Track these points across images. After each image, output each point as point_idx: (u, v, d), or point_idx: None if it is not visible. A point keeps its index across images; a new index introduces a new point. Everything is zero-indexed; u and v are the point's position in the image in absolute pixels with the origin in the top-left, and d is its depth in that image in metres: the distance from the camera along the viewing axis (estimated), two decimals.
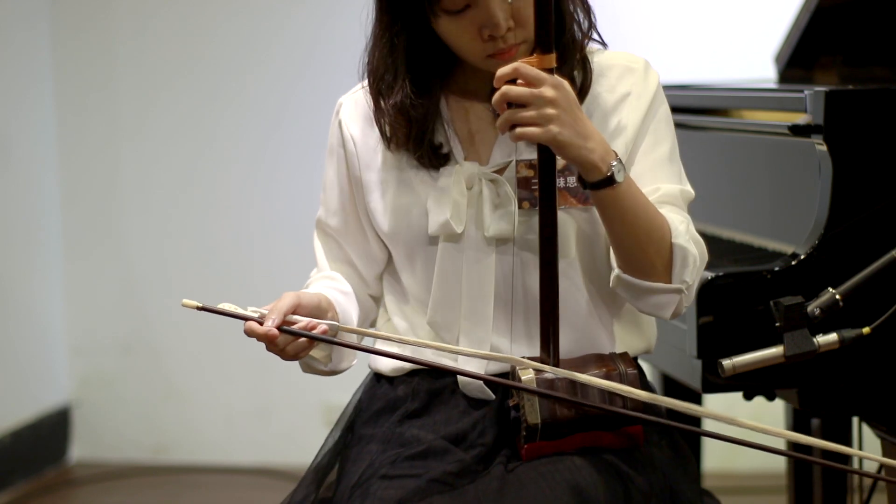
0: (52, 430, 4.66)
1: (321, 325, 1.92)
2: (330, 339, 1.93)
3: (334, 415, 2.17)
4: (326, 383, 4.51)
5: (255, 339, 1.93)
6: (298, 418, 4.58)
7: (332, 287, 2.09)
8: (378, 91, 2.01)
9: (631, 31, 2.10)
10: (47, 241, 4.66)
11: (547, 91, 1.81)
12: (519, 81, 1.83)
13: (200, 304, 1.91)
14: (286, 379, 4.60)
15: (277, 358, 4.63)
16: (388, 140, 2.02)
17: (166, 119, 4.62)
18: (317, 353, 2.03)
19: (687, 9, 4.35)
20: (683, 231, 1.93)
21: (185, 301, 1.91)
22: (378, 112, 2.02)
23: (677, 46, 4.17)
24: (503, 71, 1.82)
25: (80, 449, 4.76)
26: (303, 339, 1.93)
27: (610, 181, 1.85)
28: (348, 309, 2.07)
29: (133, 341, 4.68)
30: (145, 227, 4.64)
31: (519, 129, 1.82)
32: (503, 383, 1.95)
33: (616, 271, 1.95)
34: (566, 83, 1.84)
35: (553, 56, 1.83)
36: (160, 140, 4.63)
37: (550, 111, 1.81)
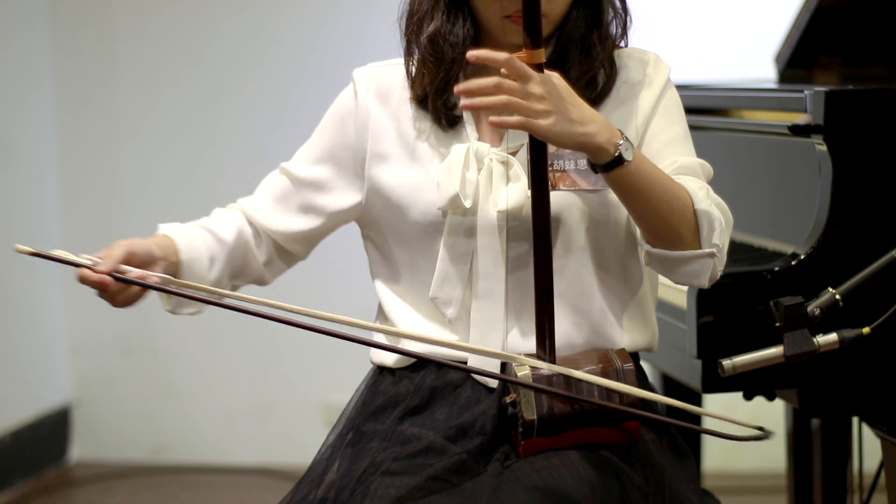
0: (52, 430, 4.66)
1: (153, 277, 2.00)
2: (163, 289, 2.00)
3: (334, 415, 2.17)
4: (326, 383, 4.52)
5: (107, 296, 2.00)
6: (298, 418, 4.58)
7: (209, 229, 2.16)
8: (416, 28, 2.05)
9: (631, 31, 2.10)
10: (47, 241, 4.66)
11: (534, 87, 1.82)
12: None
13: (34, 250, 1.95)
14: (286, 379, 4.61)
15: (277, 357, 4.63)
16: (413, 80, 2.05)
17: (166, 119, 4.62)
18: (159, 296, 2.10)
19: (687, 9, 4.35)
20: (704, 196, 1.93)
21: (19, 246, 1.94)
22: (409, 54, 2.06)
23: (677, 46, 4.16)
24: (491, 54, 1.83)
25: (80, 449, 4.76)
26: (134, 288, 2.00)
27: (619, 160, 1.86)
28: (201, 255, 2.12)
29: (133, 341, 4.68)
30: (145, 227, 4.61)
31: (520, 119, 1.83)
32: (513, 382, 1.95)
33: (646, 247, 1.95)
34: (555, 76, 1.85)
35: (542, 51, 1.85)
36: (160, 140, 4.63)
37: (539, 106, 1.82)
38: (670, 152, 2.02)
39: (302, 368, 4.53)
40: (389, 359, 2.09)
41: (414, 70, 2.06)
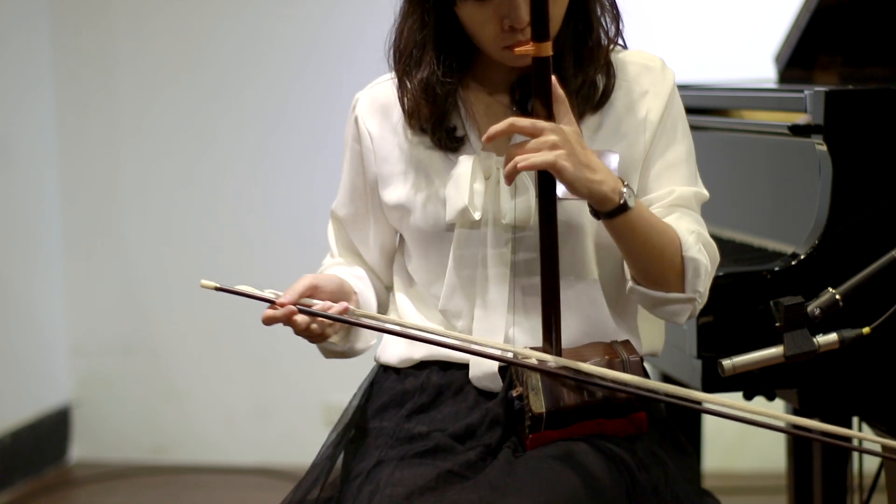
0: (52, 430, 4.66)
1: (336, 307, 1.94)
2: (349, 320, 1.95)
3: (334, 415, 2.17)
4: (326, 383, 4.52)
5: (270, 326, 1.95)
6: (298, 418, 4.58)
7: (348, 272, 2.13)
8: (405, 67, 2.03)
9: (631, 31, 2.10)
10: (47, 241, 4.66)
11: (548, 136, 1.84)
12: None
13: (219, 285, 1.89)
14: (286, 379, 4.60)
15: (277, 357, 4.64)
16: (410, 116, 2.04)
17: (166, 119, 4.62)
18: (333, 335, 2.05)
19: (687, 9, 4.35)
20: (693, 242, 1.95)
21: (204, 282, 1.89)
22: (402, 89, 2.04)
23: (678, 46, 4.17)
24: (497, 128, 1.86)
25: (80, 449, 4.75)
26: (322, 321, 1.95)
27: (623, 208, 1.88)
28: (366, 292, 2.11)
29: (133, 341, 4.68)
30: (145, 227, 4.64)
31: (532, 160, 1.83)
32: (531, 367, 1.94)
33: (630, 283, 1.98)
34: (563, 126, 1.86)
35: (549, 44, 1.85)
36: (160, 140, 4.63)
37: (557, 152, 1.84)
38: (669, 178, 2.03)
39: (302, 368, 4.52)
40: (394, 358, 2.09)
41: (409, 106, 2.05)
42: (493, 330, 2.01)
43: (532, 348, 1.96)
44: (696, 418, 3.20)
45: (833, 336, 1.91)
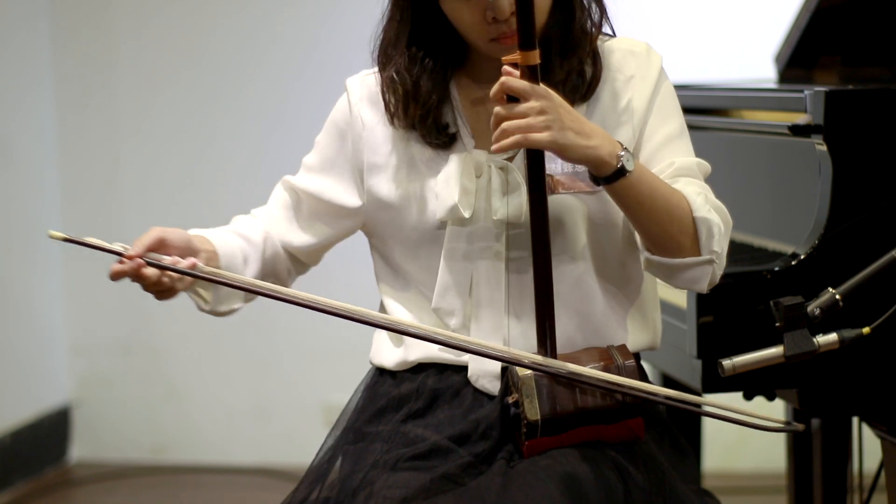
0: (52, 430, 4.66)
1: (183, 262, 1.94)
2: (197, 275, 1.94)
3: (334, 415, 2.17)
4: (326, 383, 4.53)
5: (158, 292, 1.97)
6: (298, 418, 4.58)
7: (237, 232, 2.12)
8: (382, 62, 2.05)
9: (631, 31, 2.10)
10: (47, 242, 4.65)
11: (532, 103, 1.83)
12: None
13: (67, 236, 1.94)
14: (286, 379, 4.61)
15: (277, 357, 4.62)
16: (392, 115, 2.04)
17: (166, 119, 4.62)
18: (200, 291, 2.06)
19: (687, 9, 4.35)
20: (702, 203, 1.93)
21: (52, 232, 1.94)
22: (383, 83, 2.05)
23: (677, 46, 4.16)
24: (494, 91, 1.86)
25: (80, 449, 4.76)
26: (170, 276, 1.94)
27: (621, 172, 1.86)
28: (235, 252, 2.08)
29: (133, 341, 4.68)
30: (145, 227, 4.62)
31: (517, 137, 1.83)
32: (531, 367, 1.94)
33: (645, 254, 1.96)
34: (551, 91, 1.86)
35: (536, 53, 1.85)
36: (160, 140, 4.63)
37: (539, 119, 1.83)
38: (667, 153, 2.01)
39: (302, 368, 4.52)
40: (390, 361, 2.09)
41: (392, 104, 2.04)
42: (494, 330, 2.01)
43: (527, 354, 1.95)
44: (696, 419, 3.20)
45: (833, 336, 1.91)
